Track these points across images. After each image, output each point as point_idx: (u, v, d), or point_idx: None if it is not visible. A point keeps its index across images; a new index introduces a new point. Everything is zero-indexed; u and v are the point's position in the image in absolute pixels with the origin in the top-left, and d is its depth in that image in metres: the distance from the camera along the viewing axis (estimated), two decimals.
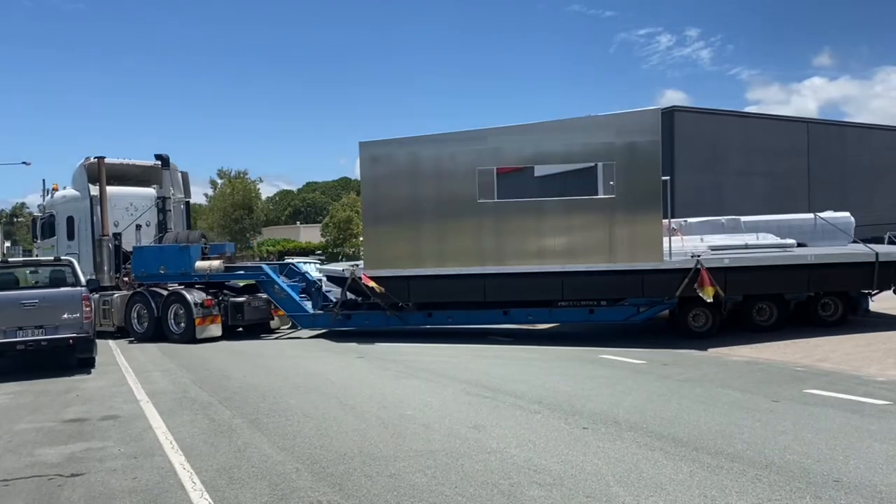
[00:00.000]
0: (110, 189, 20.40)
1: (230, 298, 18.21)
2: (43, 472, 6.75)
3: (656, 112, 16.09)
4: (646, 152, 15.65)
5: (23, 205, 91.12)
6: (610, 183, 15.88)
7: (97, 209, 20.16)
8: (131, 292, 18.93)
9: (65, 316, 12.73)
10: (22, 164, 23.44)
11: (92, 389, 11.24)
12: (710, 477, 5.96)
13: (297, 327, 18.51)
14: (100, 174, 20.01)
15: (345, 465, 6.62)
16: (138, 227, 21.08)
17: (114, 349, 16.41)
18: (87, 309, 12.98)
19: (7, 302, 12.51)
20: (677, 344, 14.67)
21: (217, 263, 18.52)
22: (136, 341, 17.98)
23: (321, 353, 14.67)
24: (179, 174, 22.50)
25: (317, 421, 8.43)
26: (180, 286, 18.22)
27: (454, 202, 16.52)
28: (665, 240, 15.45)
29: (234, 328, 18.31)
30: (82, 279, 13.83)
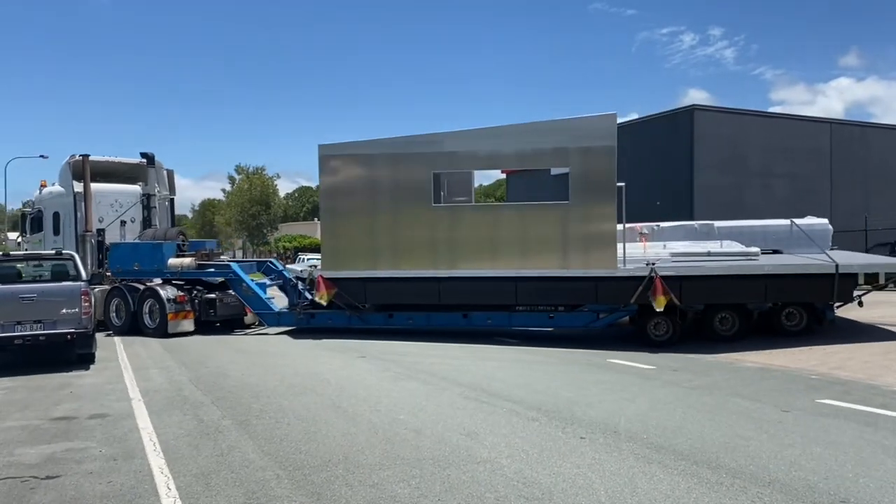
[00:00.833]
0: (95, 186, 20.81)
1: (203, 295, 18.56)
2: (18, 474, 6.54)
3: (613, 117, 15.83)
4: (601, 158, 15.59)
5: None
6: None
7: (81, 205, 20.58)
8: (110, 287, 19.28)
9: (63, 311, 12.59)
10: (39, 157, 23.39)
11: (86, 386, 11.07)
12: (707, 494, 5.62)
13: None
14: (84, 171, 20.44)
15: (327, 472, 6.35)
16: (123, 223, 21.50)
17: (117, 345, 16.29)
18: (87, 304, 12.83)
19: (5, 296, 12.38)
20: (688, 349, 14.28)
21: (188, 261, 18.80)
22: (113, 335, 18.23)
23: (323, 352, 14.43)
24: (165, 172, 22.87)
25: (307, 424, 8.17)
26: (157, 282, 18.57)
27: (409, 205, 16.65)
28: (619, 246, 15.28)
29: (207, 323, 18.65)
30: (83, 274, 13.69)
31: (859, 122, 40.95)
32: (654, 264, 14.81)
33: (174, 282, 18.68)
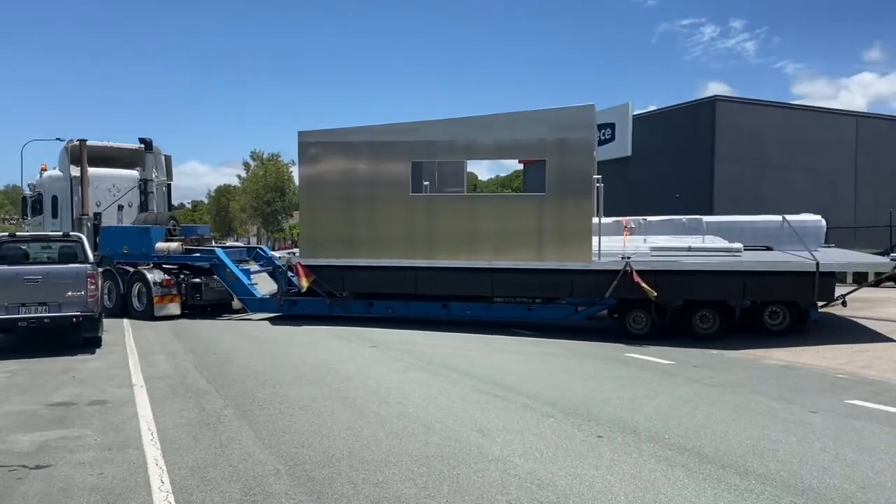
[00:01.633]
0: (93, 170, 20.98)
1: (189, 279, 18.74)
2: (7, 462, 6.26)
3: (591, 109, 15.56)
4: (579, 150, 15.39)
5: None
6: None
7: (78, 189, 20.75)
8: (103, 269, 19.08)
9: (69, 293, 12.33)
10: (56, 139, 23.52)
11: (90, 371, 10.81)
12: (736, 502, 5.23)
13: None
14: (81, 156, 20.53)
15: (330, 468, 6.01)
16: (120, 207, 21.81)
17: (125, 329, 16.06)
18: (93, 287, 12.57)
19: (9, 277, 12.14)
20: (710, 344, 13.82)
21: (175, 245, 19.06)
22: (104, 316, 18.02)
23: (333, 340, 14.10)
24: (163, 157, 23.00)
25: (312, 415, 7.85)
26: (147, 265, 18.68)
27: (388, 194, 16.58)
28: (595, 239, 15.03)
29: (196, 307, 18.84)
30: (90, 256, 13.43)
31: (888, 116, 39.98)
32: (629, 258, 14.61)
33: (165, 266, 18.80)
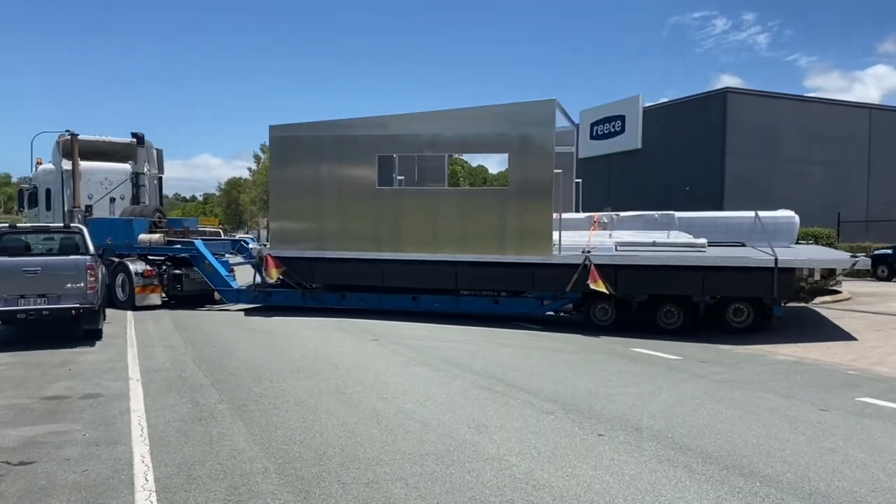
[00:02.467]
0: (85, 164, 21.10)
1: (171, 270, 19.09)
2: None
3: (552, 103, 15.53)
4: (539, 145, 15.50)
5: None
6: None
7: (69, 182, 20.93)
8: None
9: (68, 285, 12.19)
10: (66, 132, 23.52)
11: (87, 363, 10.68)
12: None
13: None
14: (73, 150, 20.68)
15: (320, 466, 5.83)
16: (112, 200, 21.87)
17: (128, 320, 15.95)
18: (93, 279, 12.42)
19: (9, 268, 12.01)
20: (718, 339, 13.59)
21: (157, 237, 19.42)
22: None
23: (335, 333, 13.93)
24: (154, 151, 23.22)
25: (306, 411, 7.67)
26: (131, 256, 19.00)
27: (354, 187, 16.91)
28: (555, 234, 15.15)
29: (180, 298, 19.28)
30: (91, 248, 13.29)
31: None
32: (588, 252, 14.68)
33: (151, 258, 19.09)
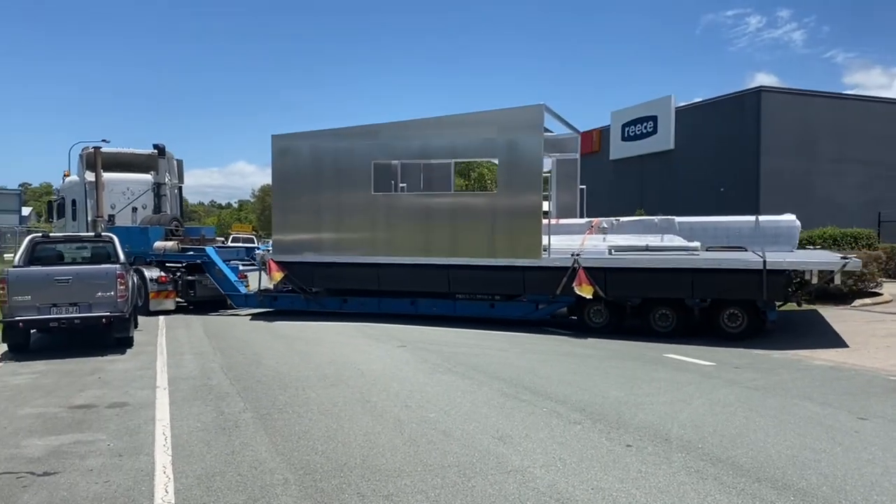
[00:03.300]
0: (109, 175, 21.76)
1: (185, 276, 19.66)
2: (15, 468, 6.14)
3: (540, 108, 15.70)
4: (528, 149, 15.66)
5: None
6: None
7: (92, 193, 21.58)
8: None
9: (99, 294, 12.33)
10: (102, 141, 24.24)
11: (116, 371, 10.76)
12: None
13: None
14: (96, 162, 21.32)
15: (341, 478, 5.75)
16: (134, 209, 22.52)
17: (160, 328, 16.09)
18: (122, 287, 12.54)
19: (40, 278, 12.19)
20: (753, 344, 13.28)
21: (171, 244, 20.10)
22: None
23: (363, 339, 13.89)
24: (175, 162, 23.79)
25: (329, 420, 7.61)
26: (148, 263, 19.65)
27: (351, 193, 17.42)
28: (545, 238, 15.40)
29: (196, 303, 19.83)
30: (121, 256, 13.45)
31: None
32: (577, 255, 14.78)
33: (168, 265, 19.66)
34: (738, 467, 5.95)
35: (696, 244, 15.08)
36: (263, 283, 19.49)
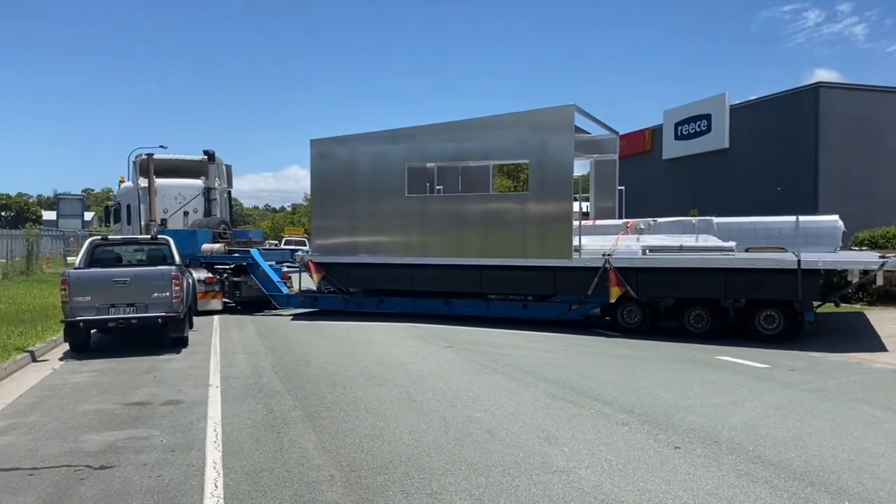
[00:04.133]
0: (160, 181, 22.43)
1: (231, 277, 20.20)
2: (74, 462, 6.33)
3: (570, 109, 15.60)
4: (558, 149, 15.63)
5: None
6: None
7: (145, 198, 22.10)
8: None
9: (155, 294, 12.64)
10: (159, 147, 25.09)
11: (171, 370, 11.03)
12: None
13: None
14: (148, 168, 22.00)
15: (386, 475, 5.79)
16: (185, 213, 23.12)
17: (214, 328, 16.43)
18: (178, 288, 12.83)
19: (100, 279, 12.56)
20: (810, 346, 12.94)
21: (218, 246, 20.62)
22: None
23: (410, 340, 13.96)
24: (224, 167, 24.43)
25: (376, 418, 7.67)
26: (199, 265, 19.94)
27: (386, 195, 17.70)
28: (576, 238, 15.46)
29: (244, 304, 20.31)
30: (177, 258, 13.78)
31: None
32: (608, 256, 14.70)
33: (216, 266, 20.19)
34: (790, 471, 5.80)
35: (731, 244, 14.90)
36: (305, 284, 19.95)
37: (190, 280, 15.32)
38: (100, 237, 14.84)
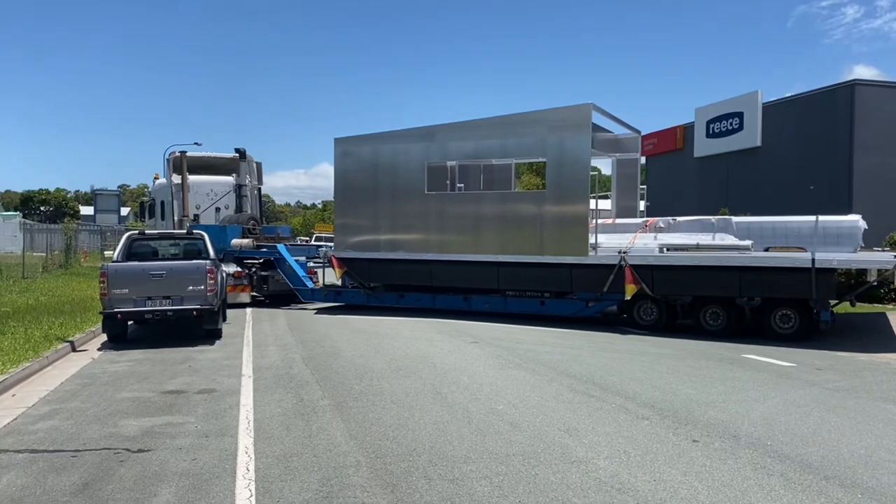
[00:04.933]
0: (193, 177, 23.04)
1: (259, 272, 20.73)
2: (114, 445, 6.64)
3: (588, 107, 15.70)
4: (575, 148, 15.75)
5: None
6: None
7: (179, 194, 22.74)
8: None
9: (190, 287, 13.01)
10: (194, 144, 25.79)
11: (205, 361, 11.37)
12: None
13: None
14: (181, 165, 22.61)
15: (409, 462, 6.01)
16: (217, 209, 23.70)
17: (246, 321, 16.81)
18: (212, 281, 13.19)
19: (137, 272, 12.96)
20: (838, 345, 12.91)
21: (247, 241, 21.17)
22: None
23: (436, 335, 14.17)
24: (255, 164, 24.74)
25: (401, 409, 7.89)
26: (230, 260, 20.38)
27: (406, 193, 18.09)
28: (592, 235, 15.61)
29: (272, 297, 21.02)
30: (211, 252, 14.14)
31: None
32: (624, 253, 14.85)
33: (245, 260, 20.72)
34: (806, 465, 5.90)
35: (748, 243, 14.98)
36: (329, 279, 20.45)
37: (223, 274, 15.70)
38: (137, 231, 15.26)
